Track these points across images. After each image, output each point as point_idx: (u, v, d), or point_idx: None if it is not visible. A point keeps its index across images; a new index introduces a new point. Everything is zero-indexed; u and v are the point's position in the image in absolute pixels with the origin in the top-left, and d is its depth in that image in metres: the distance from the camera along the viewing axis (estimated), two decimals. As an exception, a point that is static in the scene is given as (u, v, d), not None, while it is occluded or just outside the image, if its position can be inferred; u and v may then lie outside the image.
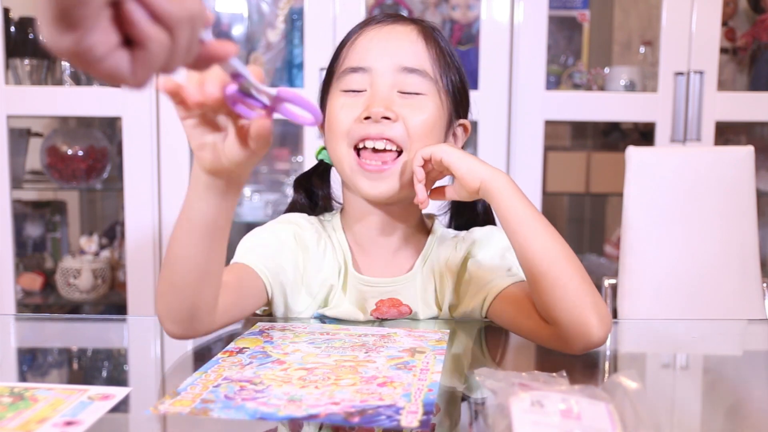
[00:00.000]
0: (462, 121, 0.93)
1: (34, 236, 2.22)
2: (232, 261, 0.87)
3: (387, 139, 0.84)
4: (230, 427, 0.57)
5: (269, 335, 0.80)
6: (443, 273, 0.92)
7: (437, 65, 0.87)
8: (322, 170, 1.00)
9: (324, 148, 0.95)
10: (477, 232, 0.94)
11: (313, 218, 0.96)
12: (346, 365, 0.69)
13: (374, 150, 0.85)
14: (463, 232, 0.96)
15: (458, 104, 0.91)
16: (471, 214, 0.99)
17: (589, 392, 0.56)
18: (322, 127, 0.93)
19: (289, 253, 0.89)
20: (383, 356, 0.72)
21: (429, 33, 0.89)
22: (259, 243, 0.89)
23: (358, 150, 0.86)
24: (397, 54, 0.85)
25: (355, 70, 0.86)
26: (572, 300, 0.74)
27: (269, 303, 0.89)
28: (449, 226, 1.01)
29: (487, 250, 0.91)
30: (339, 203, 0.98)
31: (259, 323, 0.86)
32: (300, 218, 0.94)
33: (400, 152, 0.85)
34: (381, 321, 0.91)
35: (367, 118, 0.83)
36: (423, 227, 0.97)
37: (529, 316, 0.80)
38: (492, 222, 0.97)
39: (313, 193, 0.99)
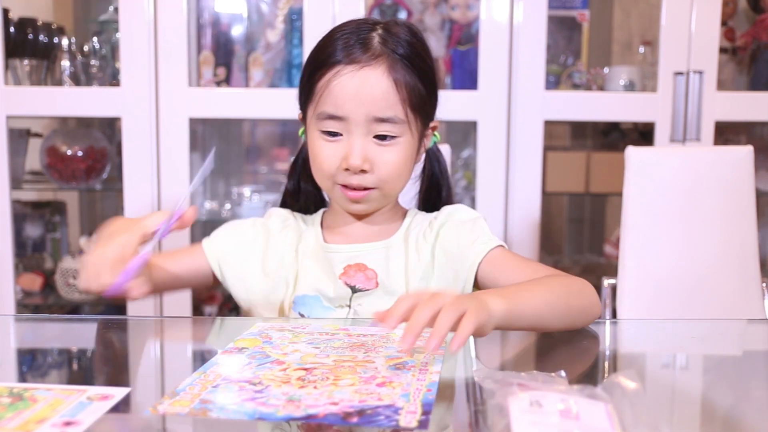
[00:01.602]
0: (432, 124, 1.00)
1: (34, 236, 2.22)
2: None
3: (365, 188, 0.94)
4: (230, 427, 0.57)
5: (268, 335, 0.80)
6: (419, 248, 0.98)
7: (407, 98, 0.91)
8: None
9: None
10: (447, 208, 1.02)
11: (291, 214, 1.06)
12: (344, 365, 0.69)
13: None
14: (435, 213, 1.03)
15: (426, 114, 0.96)
16: (437, 198, 1.08)
17: (588, 392, 0.56)
18: (303, 120, 1.00)
19: (243, 238, 1.02)
20: (382, 356, 0.72)
21: (396, 62, 0.91)
22: (221, 231, 1.04)
23: None
24: (370, 104, 0.90)
25: (332, 116, 0.92)
26: (574, 322, 0.87)
27: (220, 282, 1.01)
28: (419, 209, 1.08)
29: (458, 223, 0.98)
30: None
31: (258, 323, 0.86)
32: (275, 211, 1.06)
33: None
34: (353, 291, 0.97)
35: (346, 169, 0.92)
36: (399, 209, 1.04)
37: (516, 279, 0.89)
38: (452, 203, 1.07)
39: (299, 187, 1.07)
